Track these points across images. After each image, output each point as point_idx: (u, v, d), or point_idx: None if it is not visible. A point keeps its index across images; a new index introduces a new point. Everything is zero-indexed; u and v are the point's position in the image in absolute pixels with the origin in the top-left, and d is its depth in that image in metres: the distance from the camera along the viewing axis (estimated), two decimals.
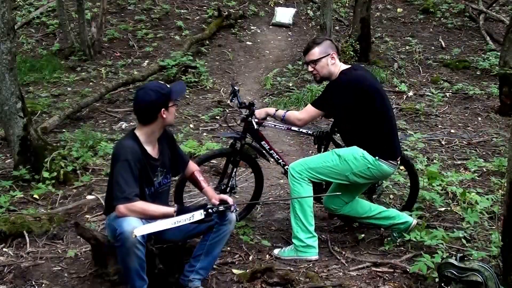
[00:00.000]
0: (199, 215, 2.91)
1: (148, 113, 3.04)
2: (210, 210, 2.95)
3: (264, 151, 4.11)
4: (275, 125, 4.12)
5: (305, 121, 3.77)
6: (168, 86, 3.14)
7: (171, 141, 3.32)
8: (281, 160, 4.07)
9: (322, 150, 4.03)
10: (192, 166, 3.44)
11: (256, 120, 3.97)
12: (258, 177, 4.21)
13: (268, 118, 4.04)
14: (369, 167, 3.59)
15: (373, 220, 3.84)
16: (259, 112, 3.97)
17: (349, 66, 3.75)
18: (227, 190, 4.06)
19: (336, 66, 3.68)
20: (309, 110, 3.72)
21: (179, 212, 2.93)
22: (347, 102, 3.57)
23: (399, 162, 3.78)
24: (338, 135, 3.97)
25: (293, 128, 4.06)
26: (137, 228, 2.76)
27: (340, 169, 3.61)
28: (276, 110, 3.92)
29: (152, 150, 3.11)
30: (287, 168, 4.02)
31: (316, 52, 3.66)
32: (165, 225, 2.85)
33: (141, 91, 3.07)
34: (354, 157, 3.59)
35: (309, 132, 4.15)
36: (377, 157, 3.59)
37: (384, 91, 3.78)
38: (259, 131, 4.04)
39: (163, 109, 3.03)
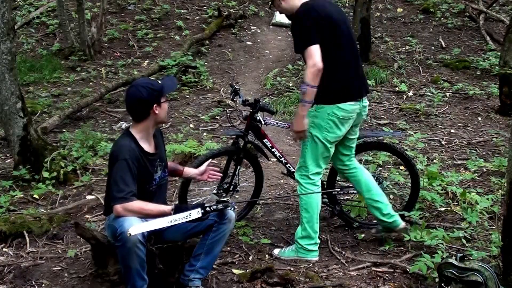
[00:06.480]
0: (196, 213, 2.90)
1: (141, 110, 3.04)
2: (208, 209, 2.95)
3: (266, 149, 4.11)
4: (277, 123, 4.13)
5: (319, 60, 3.26)
6: (159, 82, 3.14)
7: (161, 135, 3.35)
8: (283, 159, 4.07)
9: None
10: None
11: (259, 117, 3.98)
12: (258, 176, 4.21)
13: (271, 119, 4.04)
14: (328, 113, 3.42)
15: (368, 202, 3.76)
16: None
17: None
18: (230, 189, 4.07)
19: (292, 0, 3.42)
20: (311, 52, 3.28)
21: (177, 210, 2.93)
22: (306, 35, 3.29)
23: (363, 98, 3.54)
24: None
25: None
26: (132, 227, 2.76)
27: (317, 139, 3.49)
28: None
29: (148, 146, 3.12)
30: (289, 167, 4.03)
31: None
32: (161, 223, 2.85)
33: (132, 88, 3.06)
34: (312, 117, 3.46)
35: None
36: (324, 104, 3.42)
37: (344, 25, 3.47)
38: (262, 129, 4.05)
39: (155, 105, 3.03)
